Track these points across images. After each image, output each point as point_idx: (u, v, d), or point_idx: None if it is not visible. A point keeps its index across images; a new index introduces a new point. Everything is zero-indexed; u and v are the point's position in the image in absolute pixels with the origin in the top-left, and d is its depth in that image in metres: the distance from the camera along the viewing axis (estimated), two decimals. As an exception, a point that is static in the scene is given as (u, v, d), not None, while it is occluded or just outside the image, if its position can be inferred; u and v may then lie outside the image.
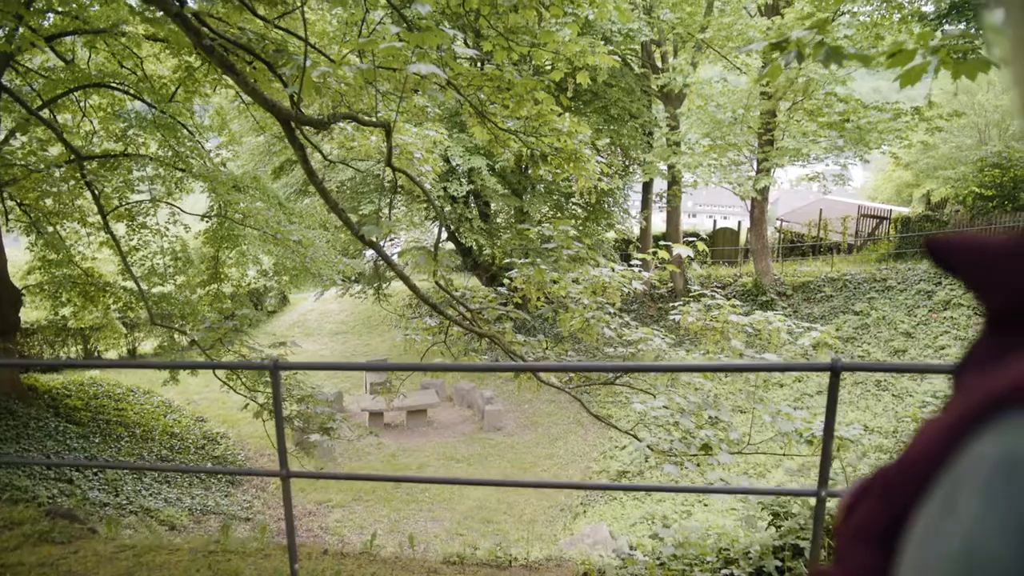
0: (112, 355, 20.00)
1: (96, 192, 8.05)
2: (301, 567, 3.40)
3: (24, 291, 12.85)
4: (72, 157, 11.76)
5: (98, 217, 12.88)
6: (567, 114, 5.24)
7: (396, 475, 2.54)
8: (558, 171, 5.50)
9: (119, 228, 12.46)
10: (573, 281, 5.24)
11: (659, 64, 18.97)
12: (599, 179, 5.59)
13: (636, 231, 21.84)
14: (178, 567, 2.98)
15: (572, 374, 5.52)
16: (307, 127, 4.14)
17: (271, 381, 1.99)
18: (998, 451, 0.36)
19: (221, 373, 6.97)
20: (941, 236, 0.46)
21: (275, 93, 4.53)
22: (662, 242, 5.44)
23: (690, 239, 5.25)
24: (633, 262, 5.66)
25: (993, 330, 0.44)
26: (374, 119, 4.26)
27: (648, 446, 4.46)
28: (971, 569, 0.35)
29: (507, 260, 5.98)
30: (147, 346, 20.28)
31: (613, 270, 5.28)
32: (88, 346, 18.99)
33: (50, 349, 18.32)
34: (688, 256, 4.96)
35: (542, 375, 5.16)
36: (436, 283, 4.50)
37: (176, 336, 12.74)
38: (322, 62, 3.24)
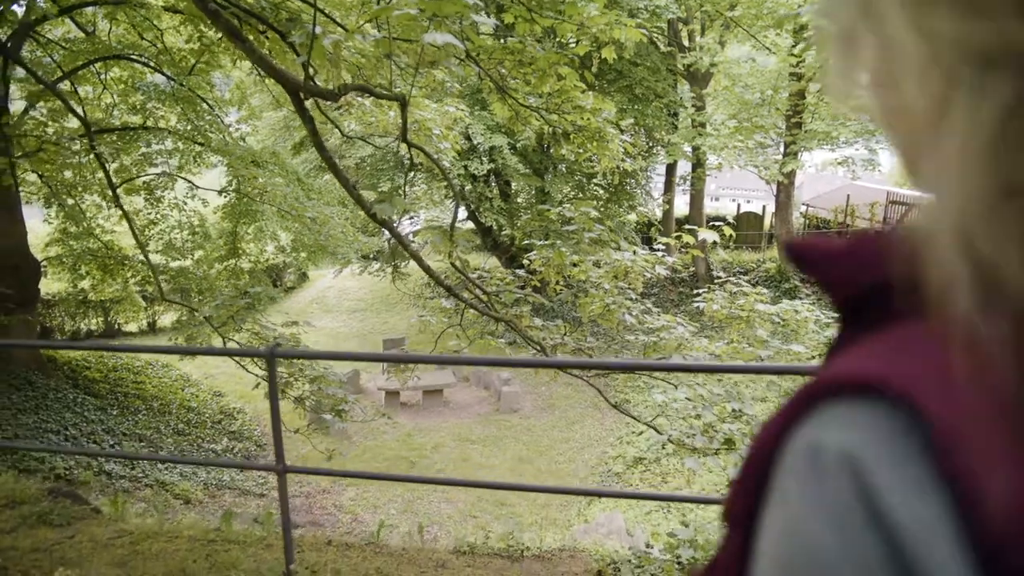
0: (132, 328, 20.13)
1: (106, 164, 7.95)
2: (303, 558, 3.30)
3: (45, 263, 12.88)
4: (90, 130, 11.71)
5: (133, 187, 12.88)
6: (591, 92, 5.03)
7: (394, 475, 2.40)
8: (580, 150, 5.31)
9: (138, 201, 12.41)
10: (594, 264, 5.06)
11: (686, 43, 18.57)
12: (622, 160, 5.39)
13: (658, 214, 21.53)
14: (175, 556, 2.89)
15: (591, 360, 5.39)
16: (321, 100, 3.99)
17: (267, 370, 1.84)
18: (807, 441, 0.40)
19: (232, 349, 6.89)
20: (796, 239, 0.50)
21: (291, 66, 4.37)
22: (687, 226, 5.24)
23: (716, 223, 5.05)
24: (657, 246, 5.46)
25: (841, 326, 0.49)
26: (390, 92, 4.09)
27: (669, 439, 4.30)
28: (792, 550, 0.39)
29: (526, 241, 5.82)
30: (166, 319, 20.34)
31: (636, 254, 5.09)
32: (108, 318, 19.12)
33: (71, 321, 18.46)
34: (714, 241, 4.77)
35: (564, 375, 5.03)
36: (452, 264, 4.34)
37: (211, 303, 12.78)
38: (336, 32, 3.07)
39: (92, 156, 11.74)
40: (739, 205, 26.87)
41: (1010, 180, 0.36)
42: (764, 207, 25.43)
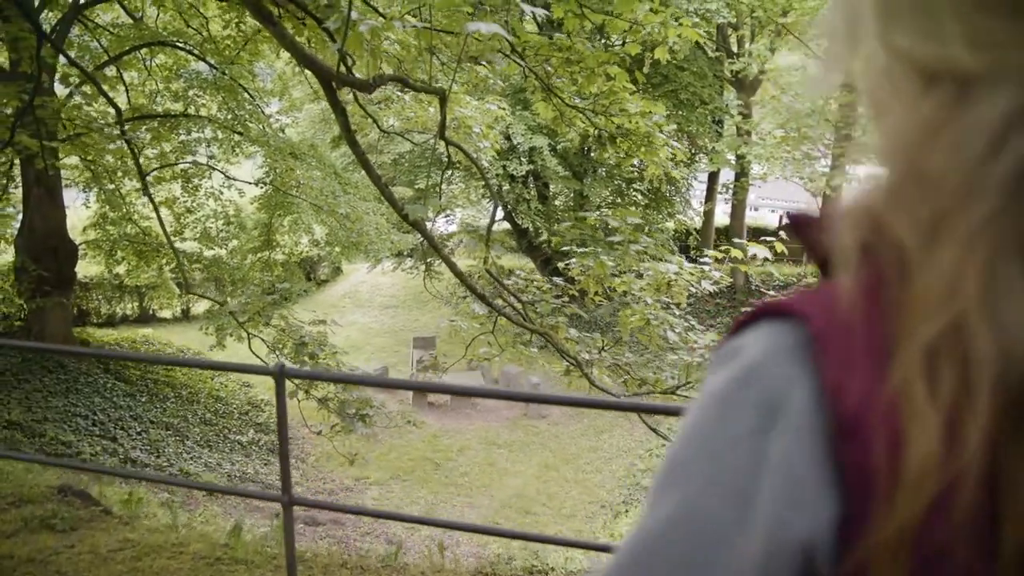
0: (166, 314, 20.26)
1: (135, 151, 7.88)
2: (314, 582, 3.09)
3: (82, 246, 12.95)
4: (121, 116, 11.72)
5: (158, 174, 12.88)
6: (638, 94, 4.77)
7: (403, 514, 2.17)
8: (626, 155, 5.04)
9: (175, 188, 12.40)
10: (637, 276, 4.79)
11: (734, 48, 18.14)
12: (670, 167, 5.12)
13: (697, 223, 21.10)
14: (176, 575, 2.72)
15: (628, 377, 5.11)
16: (358, 93, 3.79)
17: (276, 390, 1.63)
18: (730, 345, 0.53)
19: (258, 345, 6.75)
20: (797, 212, 0.59)
21: (330, 57, 4.17)
22: (736, 240, 4.95)
23: (768, 239, 4.76)
24: (703, 259, 5.17)
25: (819, 279, 0.58)
26: (429, 86, 3.88)
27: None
28: (698, 413, 0.52)
29: (565, 247, 5.57)
30: (200, 307, 20.45)
31: (682, 267, 4.80)
32: (143, 304, 19.26)
33: (107, 304, 18.63)
34: (766, 258, 4.48)
35: (595, 376, 4.76)
36: (487, 271, 4.11)
37: (228, 299, 12.70)
38: (373, 18, 2.88)
39: (135, 142, 11.80)
40: (781, 217, 26.28)
41: (919, 168, 0.48)
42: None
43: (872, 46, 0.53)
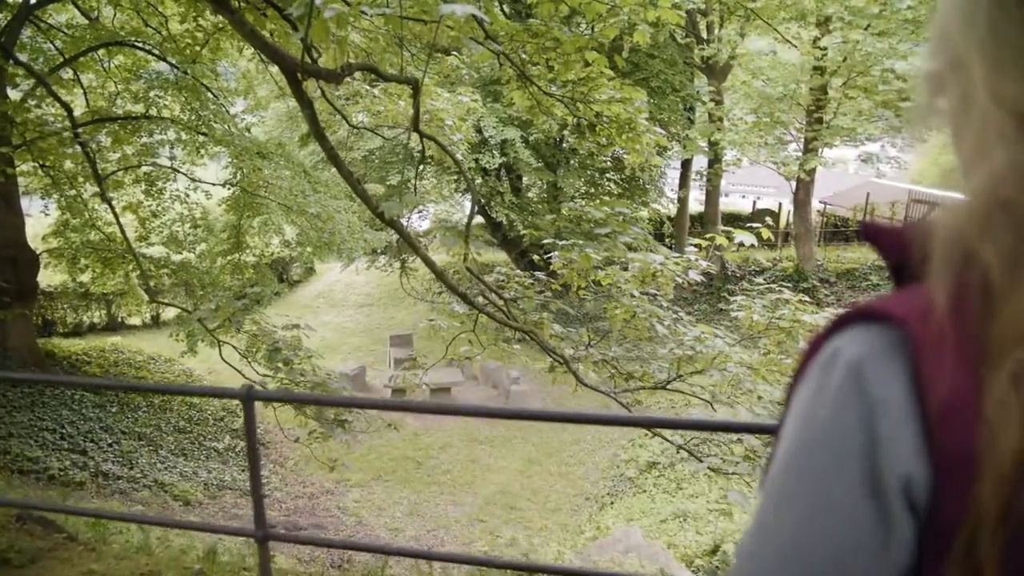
0: (135, 321, 19.79)
1: (91, 154, 7.58)
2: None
3: (45, 254, 12.55)
4: (74, 119, 11.34)
5: (118, 178, 12.48)
6: (619, 79, 4.61)
7: (377, 546, 2.01)
8: (607, 143, 4.89)
9: (139, 193, 12.06)
10: (622, 268, 4.64)
11: (704, 35, 18.07)
12: (654, 153, 4.98)
13: (672, 211, 21.05)
14: (145, 610, 2.53)
15: (615, 372, 4.97)
16: (325, 86, 3.60)
17: (244, 414, 1.45)
18: (830, 348, 0.59)
19: (229, 352, 6.51)
20: (869, 221, 0.72)
21: (295, 49, 3.97)
22: (722, 227, 4.84)
23: (753, 226, 4.64)
24: (688, 248, 5.03)
25: (893, 285, 0.65)
26: (401, 75, 3.69)
27: (709, 468, 3.91)
28: (804, 415, 0.59)
29: (546, 240, 5.41)
30: (171, 313, 20.02)
31: (667, 257, 4.66)
32: (111, 311, 18.80)
33: (73, 313, 18.14)
34: (752, 244, 4.36)
35: (581, 373, 4.61)
36: (467, 268, 3.94)
37: (199, 304, 12.34)
38: (339, 4, 2.70)
39: (92, 147, 11.41)
40: (755, 202, 26.37)
41: (1009, 203, 0.54)
42: (780, 204, 24.91)
43: (973, 89, 0.59)
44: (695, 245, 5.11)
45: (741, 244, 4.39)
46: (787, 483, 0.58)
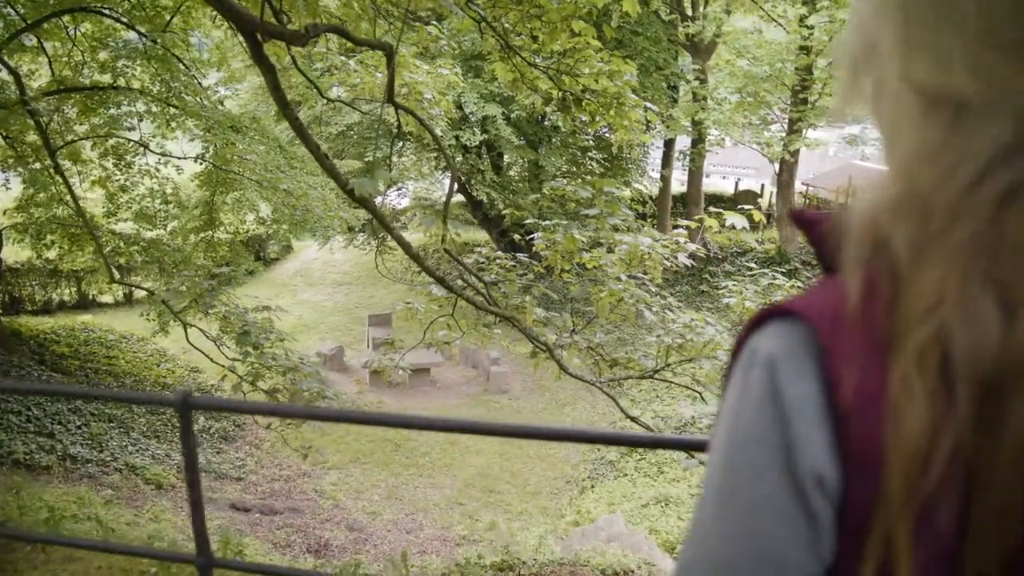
0: (107, 299, 19.34)
1: (43, 125, 7.21)
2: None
3: (7, 230, 12.12)
4: (21, 84, 10.87)
5: (80, 150, 12.02)
6: (607, 51, 4.37)
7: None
8: (594, 119, 4.66)
9: (107, 166, 11.65)
10: (608, 250, 4.43)
11: (688, 12, 17.79)
12: (643, 130, 4.77)
13: (655, 191, 20.84)
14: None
15: (599, 358, 4.78)
16: (290, 48, 3.33)
17: (180, 425, 1.23)
18: (750, 347, 0.61)
19: (198, 335, 6.25)
20: (798, 209, 0.68)
21: (255, 7, 3.68)
22: (712, 208, 4.65)
23: (745, 208, 4.45)
24: (678, 230, 4.83)
25: (822, 273, 0.65)
26: (374, 40, 3.43)
27: (701, 463, 3.74)
28: (730, 417, 0.60)
29: (528, 220, 5.19)
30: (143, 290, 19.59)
31: (656, 239, 4.45)
32: (81, 289, 18.35)
33: (42, 290, 17.67)
34: (744, 227, 4.17)
35: (564, 359, 4.42)
36: (445, 250, 3.71)
37: (175, 282, 11.98)
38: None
39: (57, 117, 10.98)
40: (737, 183, 26.26)
41: (917, 187, 0.54)
42: (763, 185, 24.80)
43: (886, 73, 0.60)
44: (682, 227, 4.91)
45: (732, 227, 4.20)
46: (720, 486, 0.59)
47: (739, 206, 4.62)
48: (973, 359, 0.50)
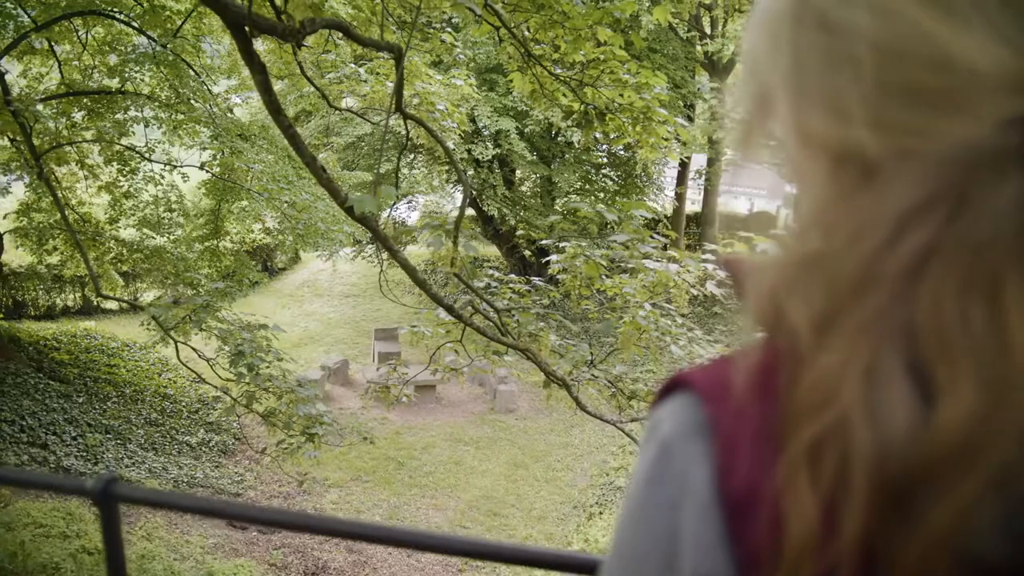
0: (112, 305, 19.12)
1: (28, 127, 6.97)
2: None
3: (11, 234, 11.92)
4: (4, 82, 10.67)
5: (99, 159, 11.85)
6: (636, 62, 4.07)
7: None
8: (619, 135, 4.36)
9: (106, 173, 11.45)
10: (630, 276, 4.12)
11: (707, 30, 17.54)
12: (672, 148, 4.48)
13: (669, 210, 20.53)
14: None
15: (617, 392, 4.45)
16: (285, 47, 3.05)
17: (102, 523, 0.93)
18: (653, 418, 0.57)
19: (192, 353, 5.97)
20: (725, 255, 0.64)
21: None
22: (741, 232, 4.34)
23: (777, 232, 4.13)
24: (706, 255, 4.51)
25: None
26: (380, 41, 3.15)
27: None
28: (630, 492, 0.56)
29: (545, 241, 4.88)
30: (148, 297, 19.38)
31: (683, 266, 4.12)
32: (86, 294, 18.14)
33: (45, 295, 17.48)
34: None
35: (584, 400, 4.11)
36: (455, 275, 3.41)
37: (181, 288, 11.73)
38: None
39: (64, 122, 10.79)
40: (752, 203, 25.87)
41: (819, 253, 0.47)
42: (778, 207, 24.43)
43: (782, 124, 0.53)
44: (711, 251, 4.58)
45: (764, 252, 3.88)
46: (611, 560, 0.57)
47: (769, 231, 4.30)
48: (878, 459, 0.42)
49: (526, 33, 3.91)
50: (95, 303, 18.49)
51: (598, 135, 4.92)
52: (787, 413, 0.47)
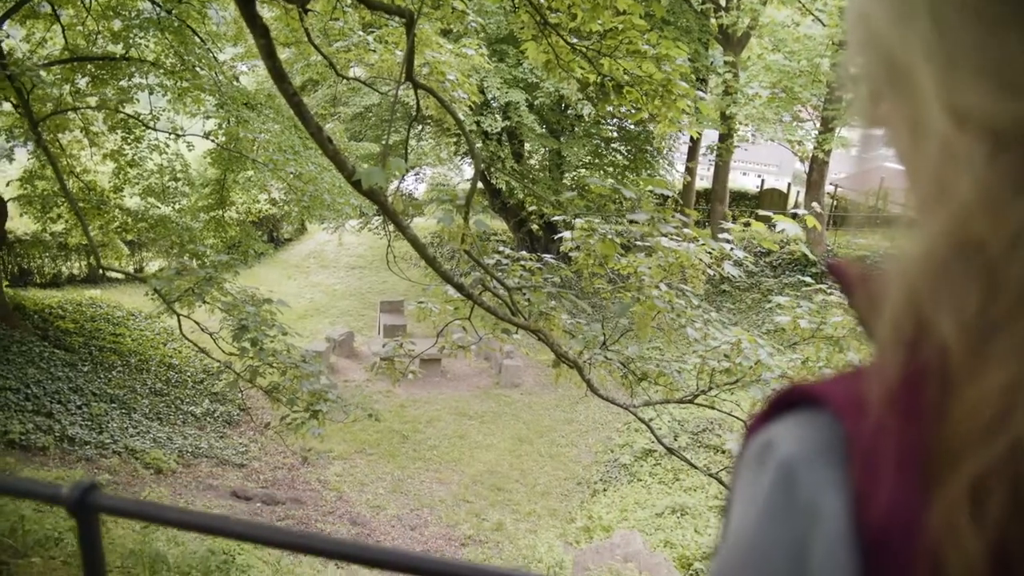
0: (117, 274, 19.09)
1: (24, 91, 6.82)
2: None
3: (15, 201, 11.83)
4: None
5: (103, 127, 11.72)
6: (654, 33, 3.91)
7: None
8: (636, 108, 4.21)
9: (115, 140, 11.32)
10: (646, 254, 3.99)
11: (722, 2, 17.18)
12: (696, 122, 4.35)
13: (679, 185, 20.30)
14: None
15: (627, 373, 4.35)
16: (295, 9, 2.91)
17: (79, 531, 0.83)
18: (763, 438, 0.49)
19: (201, 318, 5.89)
20: (836, 261, 0.54)
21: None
22: (759, 211, 4.21)
23: (795, 212, 4.00)
24: (724, 235, 4.37)
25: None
26: (390, 4, 3.01)
27: (669, 450, 3.30)
28: (739, 524, 0.49)
29: (557, 218, 4.75)
30: (154, 266, 19.33)
31: (700, 245, 3.98)
32: (91, 262, 18.09)
33: (51, 263, 17.43)
34: (797, 237, 3.74)
35: (594, 381, 4.02)
36: (465, 252, 3.30)
37: (187, 257, 11.64)
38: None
39: (68, 88, 10.64)
40: (762, 181, 25.62)
41: (975, 254, 0.39)
42: (788, 184, 24.20)
43: (920, 103, 0.44)
44: (727, 231, 4.46)
45: (783, 232, 3.75)
46: None
47: (791, 211, 4.18)
48: None
49: (542, 0, 3.75)
50: (101, 272, 18.46)
51: (612, 108, 4.78)
52: (942, 440, 0.40)
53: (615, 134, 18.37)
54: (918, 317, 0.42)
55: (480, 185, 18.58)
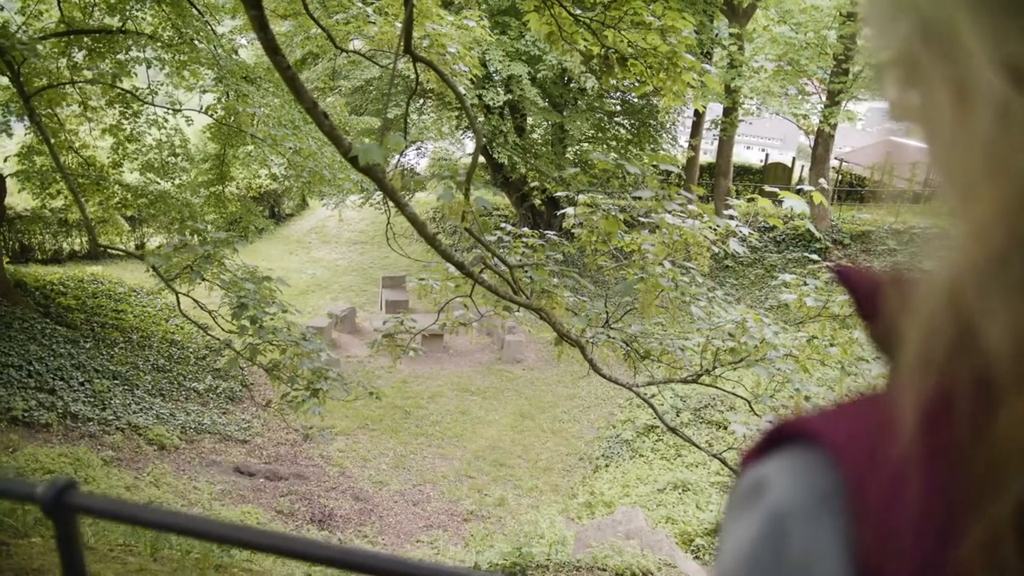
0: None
1: (15, 65, 6.71)
2: None
3: (14, 177, 11.75)
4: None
5: (101, 101, 11.59)
6: (660, 3, 3.81)
7: None
8: (640, 81, 4.12)
9: (115, 115, 11.20)
10: (650, 231, 3.92)
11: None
12: (703, 95, 4.26)
13: (682, 160, 20.12)
14: None
15: (630, 351, 4.31)
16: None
17: (56, 533, 0.79)
18: (755, 476, 0.45)
19: (200, 294, 5.84)
20: (843, 266, 0.50)
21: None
22: (765, 187, 4.13)
23: (801, 188, 3.92)
24: (729, 211, 4.30)
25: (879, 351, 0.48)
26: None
27: (671, 430, 3.27)
28: (724, 566, 0.44)
29: (561, 194, 4.68)
30: (156, 242, 19.28)
31: (702, 219, 3.91)
32: (92, 238, 18.05)
33: (52, 240, 17.38)
34: (803, 214, 3.66)
35: (597, 361, 3.98)
36: (466, 230, 3.23)
37: (188, 234, 11.57)
38: None
39: (64, 61, 10.51)
40: (767, 155, 25.42)
41: None
42: (793, 159, 24.00)
43: (966, 68, 0.36)
44: (732, 207, 4.38)
45: (791, 209, 3.68)
46: None
47: (797, 187, 4.12)
48: None
49: (544, -30, 3.66)
50: (101, 248, 18.42)
51: (616, 82, 4.69)
52: (980, 464, 0.34)
53: (618, 108, 18.19)
54: (960, 327, 0.36)
55: (482, 160, 18.44)
